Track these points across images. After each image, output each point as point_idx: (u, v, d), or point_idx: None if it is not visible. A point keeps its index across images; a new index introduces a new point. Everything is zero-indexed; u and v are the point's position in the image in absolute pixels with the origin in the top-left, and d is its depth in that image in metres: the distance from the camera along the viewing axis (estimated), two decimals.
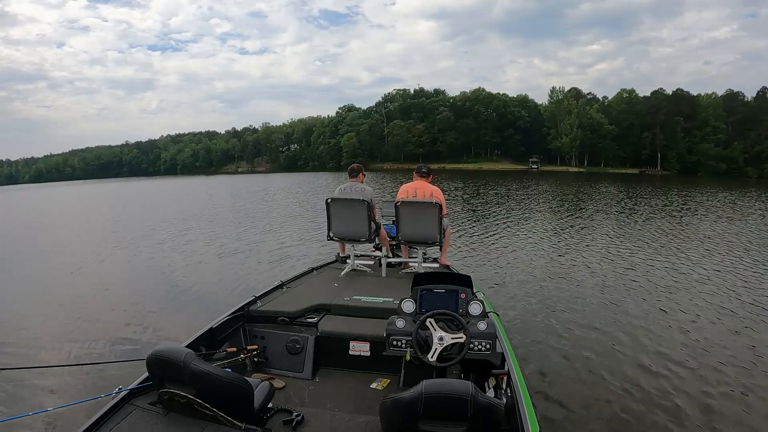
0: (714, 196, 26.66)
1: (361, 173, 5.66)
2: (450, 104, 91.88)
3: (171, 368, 2.18)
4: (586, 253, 10.52)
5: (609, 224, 15.28)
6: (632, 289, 7.69)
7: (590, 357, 5.13)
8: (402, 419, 1.94)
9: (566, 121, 75.89)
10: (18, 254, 12.50)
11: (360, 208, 5.11)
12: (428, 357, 2.73)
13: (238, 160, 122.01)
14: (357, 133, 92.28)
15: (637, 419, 3.89)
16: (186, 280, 8.75)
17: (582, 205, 21.86)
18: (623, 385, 4.47)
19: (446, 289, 3.13)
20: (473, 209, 19.72)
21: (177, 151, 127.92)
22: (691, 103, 70.97)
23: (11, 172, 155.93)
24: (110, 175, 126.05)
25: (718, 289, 7.60)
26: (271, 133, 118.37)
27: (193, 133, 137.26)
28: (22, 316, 6.98)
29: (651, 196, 26.39)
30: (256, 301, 3.98)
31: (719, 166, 63.12)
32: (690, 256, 10.08)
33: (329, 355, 3.59)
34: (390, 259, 5.39)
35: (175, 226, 16.76)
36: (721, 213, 18.58)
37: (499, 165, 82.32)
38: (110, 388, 2.42)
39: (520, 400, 2.39)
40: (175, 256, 11.26)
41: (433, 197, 5.19)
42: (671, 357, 5.07)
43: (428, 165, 5.81)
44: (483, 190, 30.94)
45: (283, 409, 2.79)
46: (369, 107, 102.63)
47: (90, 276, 9.64)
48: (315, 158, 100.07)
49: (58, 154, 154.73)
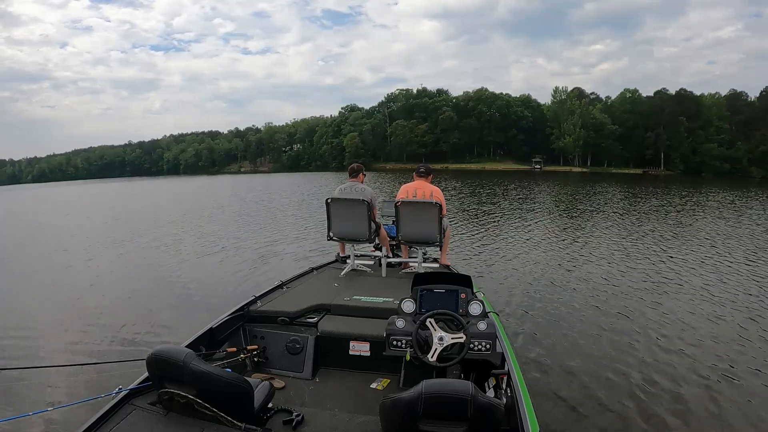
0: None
1: (361, 173, 5.65)
2: (453, 104, 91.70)
3: (171, 368, 2.18)
4: (587, 253, 10.49)
5: (610, 224, 15.25)
6: (633, 289, 7.67)
7: (591, 357, 5.12)
8: (402, 419, 1.93)
9: (569, 121, 75.64)
10: (18, 254, 12.54)
11: (360, 208, 5.10)
12: (428, 357, 2.72)
13: (241, 160, 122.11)
14: (360, 133, 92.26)
15: (638, 419, 3.88)
16: (186, 280, 8.76)
17: (584, 206, 21.82)
18: (624, 384, 4.46)
19: (446, 289, 3.13)
20: (474, 209, 19.69)
21: (180, 151, 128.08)
22: (695, 103, 70.63)
23: (14, 171, 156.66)
24: (113, 175, 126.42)
25: (721, 291, 7.56)
26: (274, 133, 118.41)
27: (196, 133, 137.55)
28: (23, 316, 7.00)
29: (653, 197, 26.32)
30: (256, 301, 3.98)
31: (723, 167, 62.78)
32: (693, 257, 10.05)
33: (329, 355, 3.58)
34: (390, 259, 5.38)
35: (175, 226, 16.82)
36: (728, 214, 18.53)
37: (502, 165, 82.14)
38: (110, 388, 2.42)
39: (520, 400, 2.38)
40: (175, 255, 11.28)
41: (433, 197, 5.18)
42: (672, 357, 5.06)
43: (428, 165, 5.79)
44: (484, 190, 30.92)
45: (283, 409, 2.78)
46: (372, 107, 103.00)
47: (90, 276, 9.67)
48: (318, 158, 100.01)
49: (61, 154, 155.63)
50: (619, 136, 73.60)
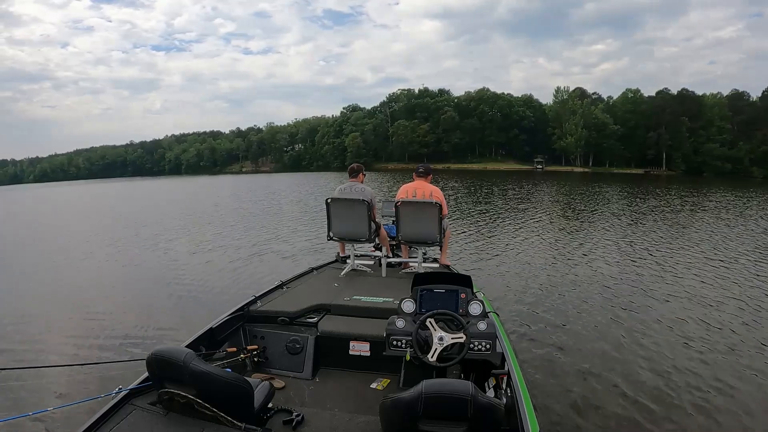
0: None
1: (361, 173, 5.64)
2: (454, 104, 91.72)
3: (171, 368, 2.18)
4: (588, 254, 10.48)
5: (611, 225, 15.21)
6: (634, 289, 7.65)
7: (591, 357, 5.11)
8: (402, 419, 1.93)
9: (571, 121, 75.62)
10: (18, 254, 12.56)
11: (360, 208, 5.09)
12: (428, 357, 2.72)
13: (243, 160, 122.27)
14: (361, 133, 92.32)
15: (638, 419, 3.87)
16: (186, 280, 8.76)
17: (585, 206, 21.79)
18: (624, 385, 4.44)
19: (446, 289, 3.13)
20: (474, 209, 19.67)
21: (181, 150, 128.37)
22: (697, 103, 70.50)
23: (16, 171, 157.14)
24: (114, 174, 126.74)
25: (723, 293, 7.54)
26: (275, 133, 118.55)
27: (198, 133, 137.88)
28: (23, 316, 7.00)
29: (655, 197, 26.26)
30: (256, 301, 3.98)
31: (725, 167, 62.63)
32: (695, 258, 10.03)
33: (329, 355, 3.58)
34: (390, 259, 5.38)
35: (175, 225, 16.84)
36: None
37: (504, 165, 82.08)
38: (110, 388, 2.42)
39: (520, 400, 2.38)
40: (175, 255, 11.29)
41: (433, 197, 5.17)
42: (673, 358, 5.04)
43: (428, 164, 5.77)
44: (486, 190, 30.89)
45: (283, 409, 2.78)
46: (373, 107, 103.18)
47: (90, 276, 9.69)
48: (319, 158, 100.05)
49: (63, 154, 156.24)
50: (620, 136, 73.51)
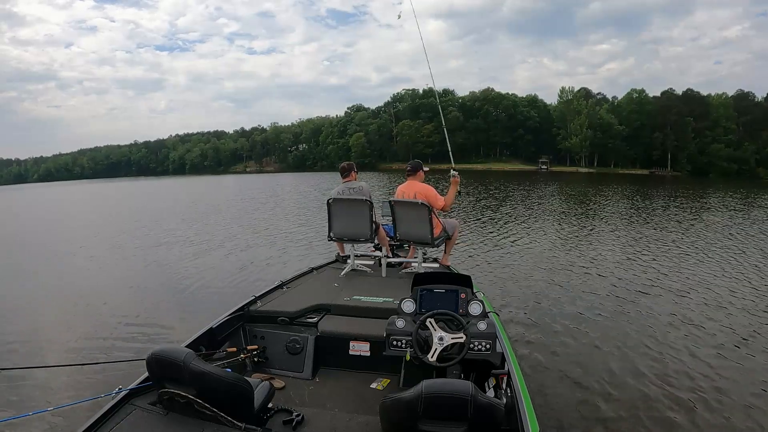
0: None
1: (353, 171, 5.54)
2: (459, 104, 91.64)
3: (171, 368, 2.18)
4: (589, 254, 10.41)
5: (614, 226, 15.13)
6: (635, 290, 7.59)
7: (591, 357, 5.09)
8: (402, 419, 1.94)
9: (576, 121, 75.48)
10: (18, 254, 12.58)
11: (361, 208, 5.08)
12: (428, 357, 2.72)
13: (247, 160, 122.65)
14: (366, 132, 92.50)
15: (638, 419, 3.85)
16: (186, 280, 8.75)
17: (588, 206, 21.71)
18: (624, 385, 4.42)
19: (446, 289, 3.13)
20: (476, 209, 19.62)
21: (185, 150, 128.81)
22: (702, 104, 70.23)
23: (20, 171, 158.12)
24: (119, 174, 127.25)
25: (725, 294, 7.48)
26: (279, 132, 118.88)
27: (202, 133, 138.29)
28: (23, 315, 7.00)
29: (661, 198, 26.15)
30: (256, 301, 3.98)
31: (730, 167, 62.36)
32: (698, 260, 9.96)
33: (329, 355, 3.58)
34: (390, 259, 5.36)
35: (176, 225, 16.87)
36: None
37: (509, 165, 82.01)
38: (110, 388, 2.42)
39: (520, 400, 2.37)
40: (175, 255, 11.28)
41: (418, 197, 5.08)
42: (673, 358, 5.01)
43: (417, 161, 5.56)
44: (488, 190, 30.82)
45: (283, 409, 2.78)
46: (378, 107, 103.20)
47: (90, 276, 9.69)
48: (323, 158, 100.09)
49: (67, 154, 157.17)
50: (625, 137, 73.31)
